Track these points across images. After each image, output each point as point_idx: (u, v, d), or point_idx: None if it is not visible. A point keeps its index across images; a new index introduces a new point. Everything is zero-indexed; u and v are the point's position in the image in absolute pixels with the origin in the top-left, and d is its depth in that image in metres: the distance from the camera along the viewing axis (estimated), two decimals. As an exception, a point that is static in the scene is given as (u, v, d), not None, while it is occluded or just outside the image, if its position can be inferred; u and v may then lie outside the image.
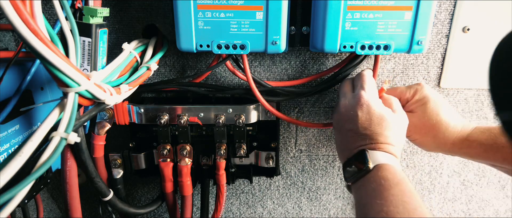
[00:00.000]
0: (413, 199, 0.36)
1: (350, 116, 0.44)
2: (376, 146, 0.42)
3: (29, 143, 0.31)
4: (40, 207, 0.58)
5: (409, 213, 0.34)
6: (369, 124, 0.43)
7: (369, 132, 0.42)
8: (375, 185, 0.38)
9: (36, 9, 0.29)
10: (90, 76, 0.35)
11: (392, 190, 0.37)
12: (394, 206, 0.35)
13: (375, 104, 0.44)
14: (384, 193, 0.37)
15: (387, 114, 0.43)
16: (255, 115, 0.58)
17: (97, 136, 0.55)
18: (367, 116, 0.43)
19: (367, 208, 0.37)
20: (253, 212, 0.73)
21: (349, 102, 0.46)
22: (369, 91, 0.45)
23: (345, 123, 0.45)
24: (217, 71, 0.59)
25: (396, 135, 0.43)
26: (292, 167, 0.68)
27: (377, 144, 0.42)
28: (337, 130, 0.47)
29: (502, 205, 0.71)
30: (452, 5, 0.54)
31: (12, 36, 0.55)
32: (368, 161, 0.40)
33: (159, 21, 0.54)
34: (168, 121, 0.56)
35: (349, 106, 0.45)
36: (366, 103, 0.44)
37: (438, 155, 0.66)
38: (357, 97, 0.45)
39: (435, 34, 0.56)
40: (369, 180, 0.39)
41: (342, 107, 0.46)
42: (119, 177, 0.59)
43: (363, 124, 0.43)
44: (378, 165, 0.39)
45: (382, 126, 0.42)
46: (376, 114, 0.43)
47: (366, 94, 0.44)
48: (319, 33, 0.47)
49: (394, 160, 0.41)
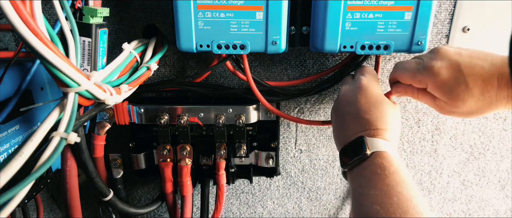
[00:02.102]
0: (408, 189, 0.36)
1: (350, 99, 0.44)
2: (375, 132, 0.41)
3: (29, 143, 0.31)
4: (40, 207, 0.58)
5: (402, 205, 0.34)
6: (368, 107, 0.43)
7: (368, 116, 0.42)
8: (370, 174, 0.38)
9: (36, 9, 0.29)
10: (90, 76, 0.35)
11: (387, 180, 0.36)
12: (389, 197, 0.35)
13: (375, 89, 0.44)
14: (379, 183, 0.36)
15: (386, 100, 0.44)
16: (255, 115, 0.58)
17: (97, 136, 0.55)
18: (366, 99, 0.43)
19: (362, 198, 0.37)
20: (253, 212, 0.73)
21: (349, 86, 0.46)
22: (369, 78, 0.46)
23: (345, 106, 0.45)
24: (217, 71, 0.59)
25: (394, 121, 0.43)
26: (292, 167, 0.68)
27: (376, 130, 0.41)
28: (336, 116, 0.47)
29: (502, 205, 0.71)
30: (452, 5, 0.54)
31: (12, 36, 0.55)
32: (366, 148, 0.39)
33: (159, 21, 0.53)
34: (168, 121, 0.56)
35: (349, 90, 0.46)
36: (366, 87, 0.44)
37: (438, 155, 0.66)
38: (358, 81, 0.45)
39: (435, 34, 0.56)
40: (365, 168, 0.39)
41: (342, 91, 0.46)
42: (119, 177, 0.59)
43: (362, 107, 0.43)
44: (375, 152, 0.39)
45: (381, 111, 0.42)
46: (375, 98, 0.43)
47: (366, 79, 0.45)
48: (319, 33, 0.47)
49: (392, 147, 0.41)
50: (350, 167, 0.41)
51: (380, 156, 0.39)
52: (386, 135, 0.41)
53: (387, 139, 0.41)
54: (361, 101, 0.43)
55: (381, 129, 0.42)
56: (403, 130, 0.63)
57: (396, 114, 0.44)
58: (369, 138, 0.41)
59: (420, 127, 0.63)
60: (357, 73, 0.49)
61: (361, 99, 0.43)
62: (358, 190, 0.39)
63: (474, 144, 0.65)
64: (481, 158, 0.66)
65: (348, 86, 0.46)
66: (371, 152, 0.39)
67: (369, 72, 0.48)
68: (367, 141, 0.40)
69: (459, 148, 0.65)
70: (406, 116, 0.62)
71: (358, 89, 0.44)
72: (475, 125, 0.63)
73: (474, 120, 0.62)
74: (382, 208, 0.34)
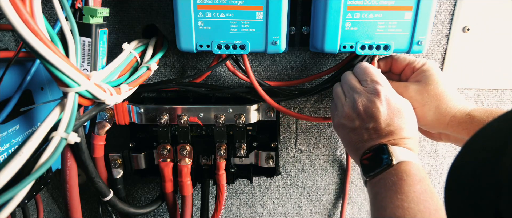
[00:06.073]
0: (435, 200, 0.35)
1: (371, 113, 0.42)
2: (399, 141, 0.40)
3: (29, 143, 0.31)
4: (40, 207, 0.58)
5: (430, 213, 0.33)
6: (391, 118, 0.41)
7: (392, 128, 0.41)
8: (396, 179, 0.36)
9: (36, 9, 0.29)
10: (90, 76, 0.35)
11: (414, 187, 0.35)
12: (415, 204, 0.34)
13: (393, 97, 0.43)
14: (405, 188, 0.35)
15: (405, 105, 0.43)
16: (255, 115, 0.58)
17: (97, 136, 0.55)
18: (388, 111, 0.42)
19: (386, 201, 0.36)
20: (253, 212, 0.73)
21: (367, 99, 0.43)
22: (383, 83, 0.44)
23: (364, 121, 0.43)
24: (217, 71, 0.59)
25: (415, 127, 0.43)
26: (292, 167, 0.68)
27: (400, 139, 0.41)
28: (350, 129, 0.44)
29: (502, 205, 0.71)
30: (452, 5, 0.54)
31: (12, 36, 0.55)
32: (391, 157, 0.38)
33: (159, 21, 0.53)
34: (168, 121, 0.56)
35: (368, 102, 0.42)
36: (385, 97, 0.42)
37: (438, 155, 0.66)
38: (376, 92, 0.42)
39: (435, 34, 0.56)
40: (390, 173, 0.38)
41: (359, 104, 0.43)
42: (119, 177, 0.59)
43: (386, 120, 0.41)
44: (401, 161, 0.38)
45: (404, 120, 0.41)
46: (396, 108, 0.42)
47: (383, 89, 0.43)
48: (319, 33, 0.47)
49: (415, 156, 0.40)
50: (374, 176, 0.40)
51: (406, 164, 0.38)
52: (409, 144, 0.41)
53: (410, 148, 0.40)
54: (384, 113, 0.42)
55: (405, 138, 0.41)
56: (403, 130, 0.63)
57: (414, 117, 0.44)
58: (393, 147, 0.40)
59: (420, 127, 0.63)
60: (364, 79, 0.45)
61: (385, 111, 0.42)
62: (381, 194, 0.37)
63: (474, 144, 0.64)
64: (481, 158, 0.66)
65: (366, 99, 0.43)
66: (397, 161, 0.38)
67: (378, 75, 0.45)
68: (391, 150, 0.39)
69: (459, 148, 0.65)
70: (406, 116, 0.62)
71: (379, 101, 0.42)
72: (475, 125, 0.63)
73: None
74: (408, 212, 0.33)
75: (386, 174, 0.38)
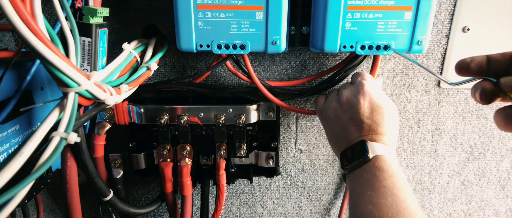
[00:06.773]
0: (404, 192, 0.36)
1: (352, 104, 0.45)
2: (376, 136, 0.43)
3: (29, 143, 0.31)
4: (40, 207, 0.58)
5: (396, 205, 0.35)
6: (370, 112, 0.44)
7: (369, 121, 0.43)
8: (369, 175, 0.39)
9: (36, 9, 0.29)
10: (90, 76, 0.35)
11: (384, 182, 0.37)
12: (384, 198, 0.36)
13: (376, 93, 0.45)
14: (376, 184, 0.37)
15: (387, 104, 0.45)
16: (255, 115, 0.58)
17: (97, 136, 0.55)
18: (368, 104, 0.44)
19: (359, 198, 0.38)
20: (253, 212, 0.73)
21: (351, 91, 0.47)
22: (370, 81, 0.47)
23: (345, 112, 0.46)
24: (217, 71, 0.59)
25: (394, 125, 0.45)
26: (292, 167, 0.68)
27: (376, 135, 0.43)
28: (333, 120, 0.48)
29: (502, 205, 0.71)
30: (452, 5, 0.54)
31: (12, 36, 0.55)
32: (368, 152, 0.41)
33: (159, 21, 0.53)
34: (168, 121, 0.56)
35: (352, 94, 0.46)
36: (368, 91, 0.45)
37: (438, 155, 0.66)
38: (359, 86, 0.46)
39: (435, 34, 0.56)
40: (365, 170, 0.40)
41: (344, 96, 0.47)
42: (119, 177, 0.59)
43: (365, 111, 0.44)
44: (376, 156, 0.40)
45: (382, 115, 0.43)
46: (376, 103, 0.44)
47: (367, 83, 0.46)
48: (319, 33, 0.47)
49: (390, 151, 0.42)
50: (351, 169, 0.42)
51: (380, 159, 0.40)
52: (385, 139, 0.43)
53: (386, 144, 0.42)
54: (364, 105, 0.44)
55: (381, 134, 0.43)
56: (403, 130, 0.63)
57: (395, 118, 0.45)
58: (370, 142, 0.42)
59: (420, 127, 0.63)
60: (356, 78, 0.49)
61: (365, 103, 0.44)
62: (356, 190, 0.40)
63: (474, 144, 0.65)
64: (481, 158, 0.66)
65: (350, 91, 0.47)
66: (373, 156, 0.40)
67: (367, 76, 0.48)
68: (369, 145, 0.41)
69: (459, 148, 0.65)
70: (406, 116, 0.62)
71: (361, 94, 0.45)
72: (475, 125, 0.63)
73: (474, 120, 0.62)
74: (376, 207, 0.35)
75: (361, 171, 0.40)
